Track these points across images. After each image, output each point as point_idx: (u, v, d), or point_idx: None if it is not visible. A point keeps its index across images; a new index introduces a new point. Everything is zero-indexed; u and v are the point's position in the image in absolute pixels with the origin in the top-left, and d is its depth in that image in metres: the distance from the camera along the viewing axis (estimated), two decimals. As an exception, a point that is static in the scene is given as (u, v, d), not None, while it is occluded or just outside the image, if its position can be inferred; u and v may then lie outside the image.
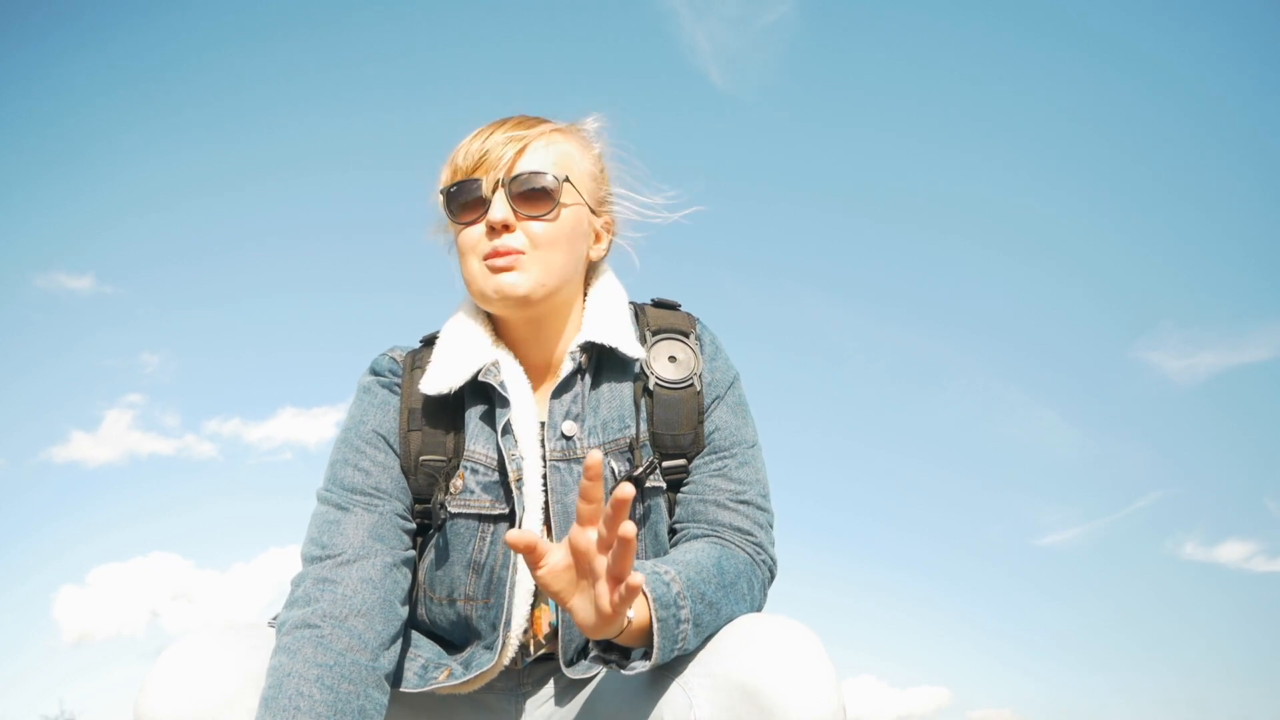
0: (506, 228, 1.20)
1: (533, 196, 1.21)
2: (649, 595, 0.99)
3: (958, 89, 5.84)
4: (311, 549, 1.16)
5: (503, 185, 1.21)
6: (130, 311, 6.13)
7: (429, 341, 1.33)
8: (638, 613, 0.98)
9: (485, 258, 1.21)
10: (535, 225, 1.21)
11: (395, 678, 1.15)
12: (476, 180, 1.21)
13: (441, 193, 1.25)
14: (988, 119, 5.87)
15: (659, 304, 1.37)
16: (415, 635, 1.26)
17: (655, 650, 0.98)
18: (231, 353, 5.83)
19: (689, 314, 1.35)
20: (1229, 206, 5.52)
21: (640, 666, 1.00)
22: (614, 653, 1.03)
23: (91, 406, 6.15)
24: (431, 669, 1.20)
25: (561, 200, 1.23)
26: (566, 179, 1.24)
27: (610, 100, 1.37)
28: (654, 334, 1.29)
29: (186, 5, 5.80)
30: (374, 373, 1.31)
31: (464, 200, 1.23)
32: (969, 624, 5.10)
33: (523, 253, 1.20)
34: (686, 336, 1.30)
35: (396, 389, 1.28)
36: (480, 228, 1.21)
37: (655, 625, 0.98)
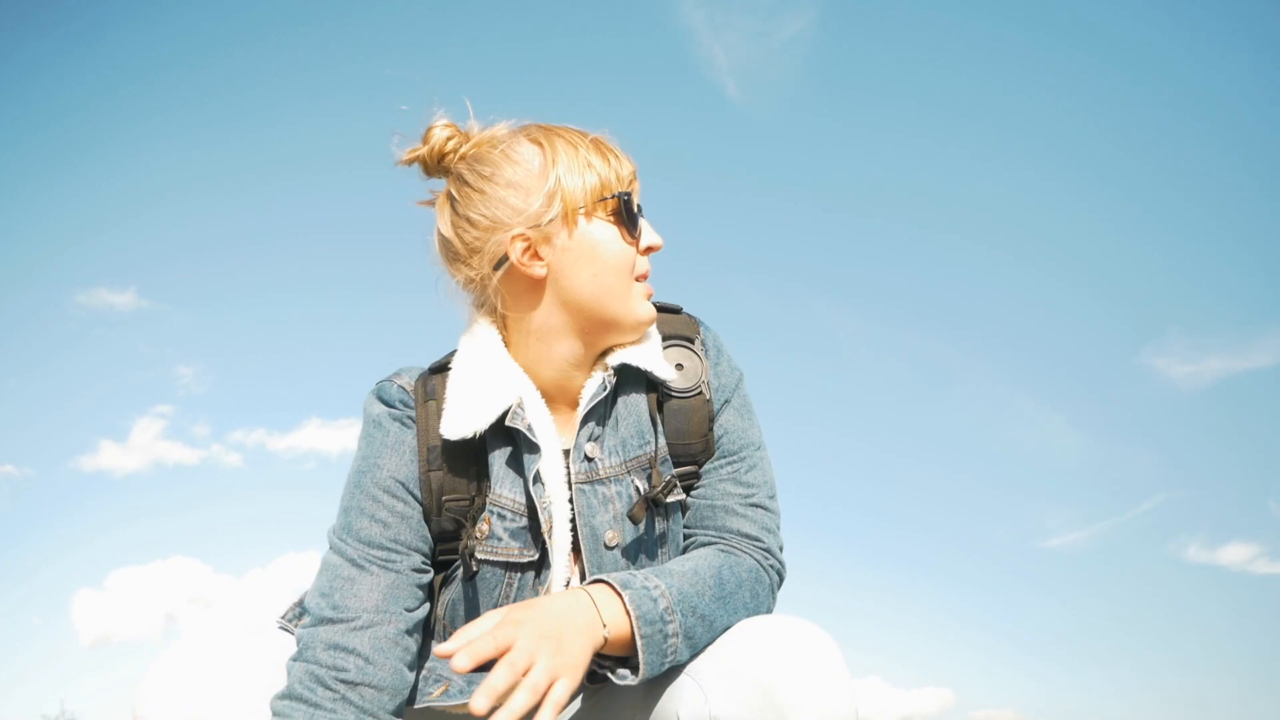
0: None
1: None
2: (632, 613, 1.01)
3: (972, 100, 5.90)
4: (323, 607, 1.11)
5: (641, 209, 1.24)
6: (169, 325, 6.30)
7: (437, 369, 1.26)
8: (617, 629, 1.01)
9: (639, 280, 1.21)
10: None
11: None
12: (636, 200, 1.22)
13: (620, 197, 1.19)
14: (999, 128, 5.92)
15: (661, 308, 1.31)
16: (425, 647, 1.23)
17: (641, 666, 1.00)
18: (264, 365, 5.97)
19: (691, 317, 1.33)
20: (1235, 214, 5.55)
21: (630, 680, 1.01)
22: (607, 662, 1.04)
23: (122, 417, 6.31)
24: (430, 682, 1.17)
25: None
26: None
27: (623, 112, 1.39)
28: (660, 341, 1.27)
29: (230, 18, 5.95)
30: (384, 403, 1.23)
31: (636, 216, 1.21)
32: (973, 625, 5.16)
33: None
34: (691, 342, 1.28)
35: (410, 422, 1.21)
36: (635, 248, 1.21)
37: (640, 642, 1.00)
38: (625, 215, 1.18)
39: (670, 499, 1.19)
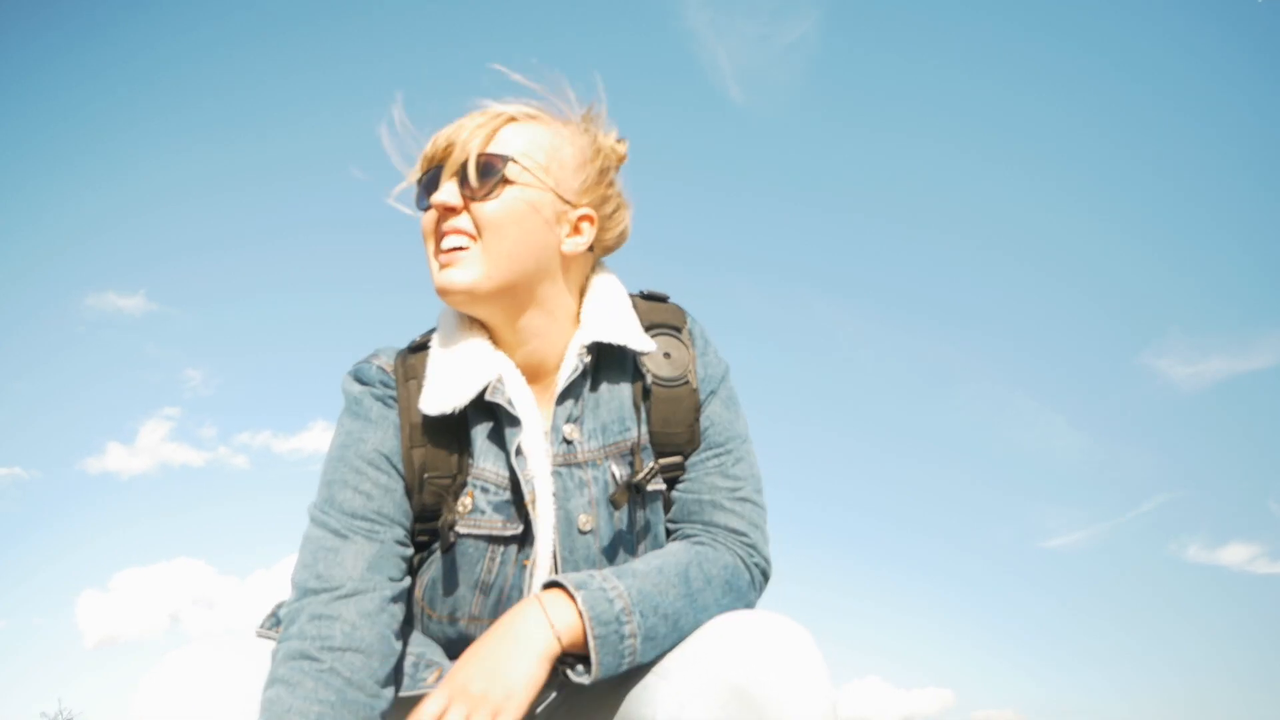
0: (451, 210, 1.15)
1: (481, 178, 1.15)
2: (585, 614, 1.00)
3: (973, 101, 5.92)
4: (307, 578, 1.10)
5: (452, 168, 1.16)
6: (177, 328, 6.34)
7: (416, 348, 1.25)
8: (571, 632, 1.01)
9: (436, 243, 1.18)
10: (482, 207, 1.14)
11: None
12: (439, 167, 1.18)
13: (417, 183, 1.22)
14: (1000, 130, 5.94)
15: (648, 296, 1.31)
16: (408, 631, 1.21)
17: (595, 665, 1.00)
18: (271, 367, 6.00)
19: (678, 306, 1.31)
20: (1235, 214, 5.56)
21: (584, 678, 1.01)
22: (569, 658, 1.03)
23: (130, 419, 6.35)
24: (423, 668, 1.15)
25: (510, 179, 1.15)
26: (512, 159, 1.16)
27: (625, 114, 1.31)
28: (647, 329, 1.24)
29: (229, 18, 5.97)
30: (362, 382, 1.22)
31: (427, 187, 1.20)
32: (974, 626, 5.17)
33: (472, 238, 1.15)
34: (679, 331, 1.26)
35: (392, 401, 1.20)
36: (433, 213, 1.18)
37: (593, 642, 1.00)
38: (416, 193, 1.23)
39: (651, 487, 1.18)
